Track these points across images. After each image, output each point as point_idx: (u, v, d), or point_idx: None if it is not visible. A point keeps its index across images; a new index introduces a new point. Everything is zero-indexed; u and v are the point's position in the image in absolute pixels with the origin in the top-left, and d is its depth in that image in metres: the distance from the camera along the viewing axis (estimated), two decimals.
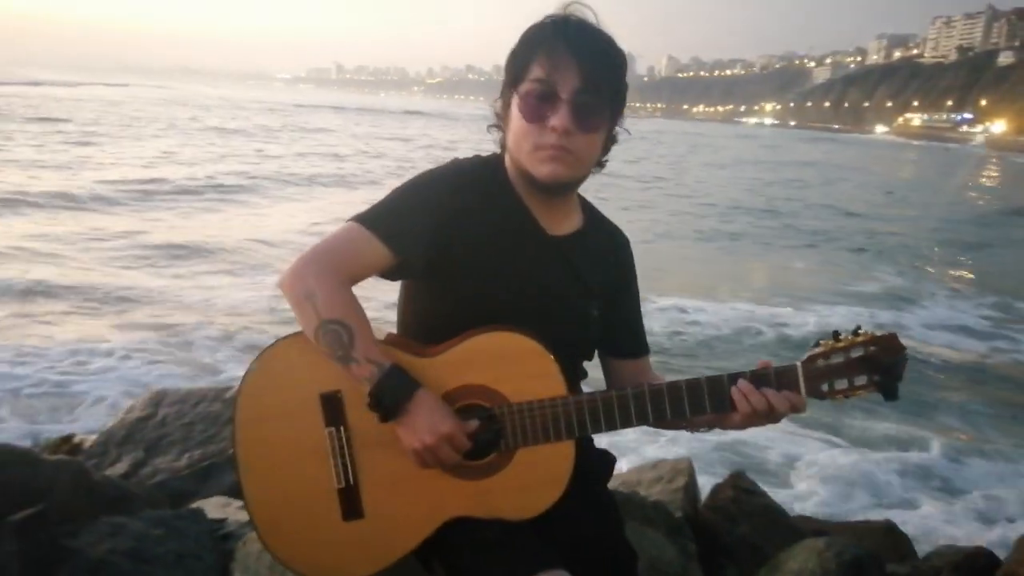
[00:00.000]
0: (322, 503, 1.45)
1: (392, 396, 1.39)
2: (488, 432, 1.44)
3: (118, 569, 1.72)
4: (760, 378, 1.45)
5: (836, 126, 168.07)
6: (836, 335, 1.46)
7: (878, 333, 1.45)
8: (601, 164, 1.59)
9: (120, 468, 3.74)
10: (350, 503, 1.45)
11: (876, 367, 1.43)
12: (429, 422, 1.38)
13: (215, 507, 2.57)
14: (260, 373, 1.46)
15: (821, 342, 1.46)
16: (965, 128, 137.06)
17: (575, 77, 1.43)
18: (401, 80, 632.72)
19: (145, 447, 4.10)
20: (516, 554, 1.39)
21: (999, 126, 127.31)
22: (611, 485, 1.74)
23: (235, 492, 3.06)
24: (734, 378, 1.46)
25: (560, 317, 1.53)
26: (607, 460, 1.68)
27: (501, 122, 1.55)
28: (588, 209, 1.67)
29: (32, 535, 1.68)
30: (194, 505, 2.59)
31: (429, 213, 1.47)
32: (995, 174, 54.50)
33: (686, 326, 9.66)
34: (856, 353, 1.44)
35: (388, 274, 1.53)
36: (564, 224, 1.59)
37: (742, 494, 3.92)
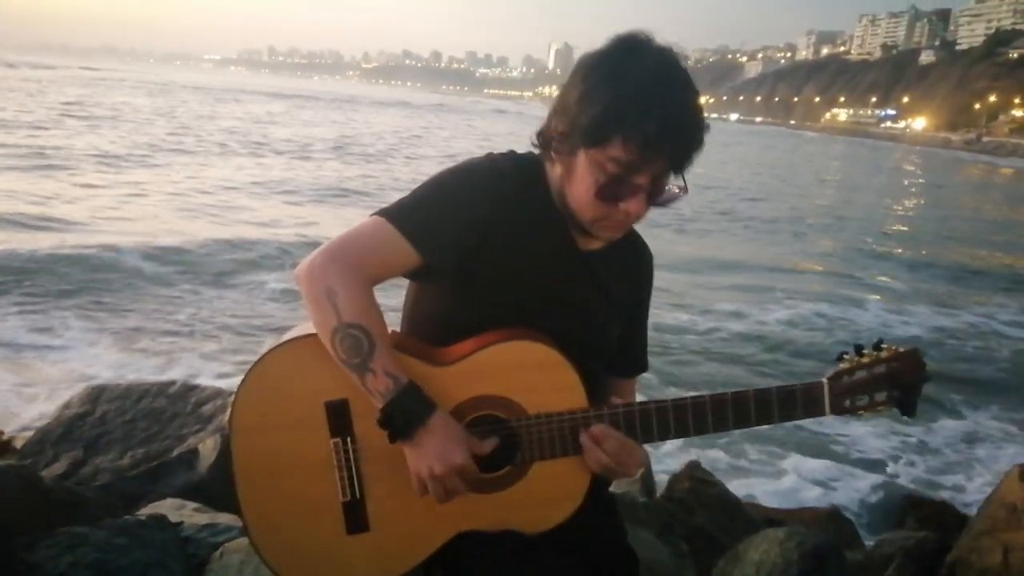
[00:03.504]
0: (325, 516, 1.38)
1: (406, 416, 1.30)
2: (504, 445, 1.38)
3: None
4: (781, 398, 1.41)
5: (792, 121, 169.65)
6: (859, 349, 1.43)
7: (901, 349, 1.43)
8: None
9: (58, 468, 3.56)
10: (355, 517, 1.38)
11: (897, 383, 1.42)
12: (441, 450, 1.31)
13: (170, 510, 2.46)
14: (259, 379, 1.37)
15: (845, 356, 1.43)
16: (888, 124, 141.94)
17: (661, 165, 1.31)
18: (336, 64, 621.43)
19: (84, 446, 3.92)
20: (534, 570, 1.34)
21: (920, 122, 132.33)
22: None
23: (188, 493, 2.93)
24: (756, 394, 1.41)
25: (584, 335, 1.46)
26: None
27: (553, 145, 1.40)
28: None
29: None
30: (147, 508, 2.47)
31: (463, 218, 1.36)
32: None
33: None
34: (879, 369, 1.42)
35: (410, 276, 1.44)
36: (594, 239, 1.49)
37: (699, 484, 3.96)
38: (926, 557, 3.26)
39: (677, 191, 1.37)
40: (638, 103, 1.27)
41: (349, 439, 1.37)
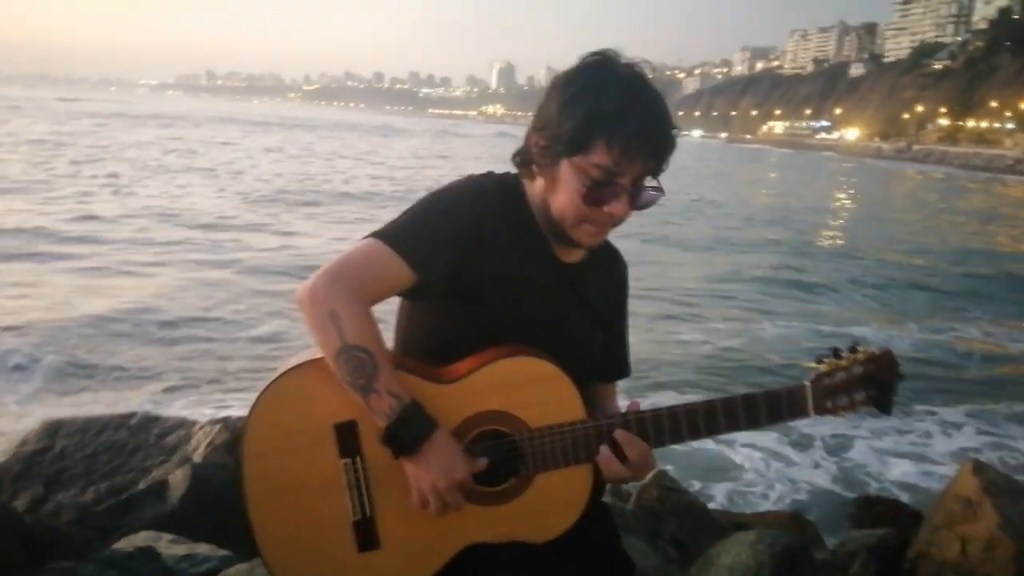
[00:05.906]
0: (337, 536, 1.40)
1: (409, 434, 1.35)
2: (508, 458, 1.43)
3: None
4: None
5: (748, 136, 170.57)
6: (836, 353, 1.50)
7: (875, 351, 1.50)
8: None
9: (19, 505, 3.47)
10: (366, 535, 1.41)
11: (874, 383, 1.49)
12: (445, 466, 1.36)
13: (145, 542, 2.43)
14: (269, 405, 1.39)
15: (824, 360, 1.50)
16: (823, 135, 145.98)
17: (641, 167, 1.40)
18: (276, 86, 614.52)
19: (44, 482, 3.83)
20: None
21: (853, 133, 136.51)
22: None
23: (160, 525, 2.88)
24: (742, 401, 1.47)
25: (569, 346, 1.51)
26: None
27: (534, 159, 1.47)
28: None
29: None
30: (122, 542, 2.43)
31: (453, 236, 1.42)
32: None
33: None
34: (856, 371, 1.49)
35: (405, 295, 1.48)
36: (574, 251, 1.55)
37: (666, 492, 4.04)
38: (888, 553, 3.38)
39: (655, 193, 1.44)
40: (617, 109, 1.36)
41: (358, 459, 1.39)
